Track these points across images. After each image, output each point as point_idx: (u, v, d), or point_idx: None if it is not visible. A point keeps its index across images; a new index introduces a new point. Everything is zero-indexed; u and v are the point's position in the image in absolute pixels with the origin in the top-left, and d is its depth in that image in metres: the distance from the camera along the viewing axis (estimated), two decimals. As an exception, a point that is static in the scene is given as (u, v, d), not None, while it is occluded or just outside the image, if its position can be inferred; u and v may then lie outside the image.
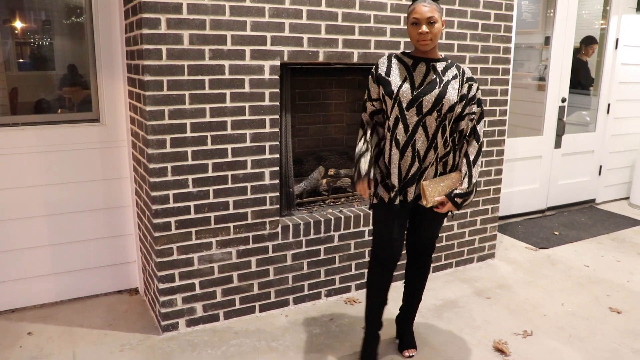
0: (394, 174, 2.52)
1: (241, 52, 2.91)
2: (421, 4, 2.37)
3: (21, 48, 3.38)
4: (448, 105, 2.42)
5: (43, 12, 3.49)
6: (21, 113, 3.27)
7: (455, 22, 3.56)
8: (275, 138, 3.10)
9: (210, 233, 3.04)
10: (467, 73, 2.51)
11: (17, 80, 3.32)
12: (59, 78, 3.44)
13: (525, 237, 4.74)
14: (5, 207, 3.17)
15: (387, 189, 2.56)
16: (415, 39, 2.41)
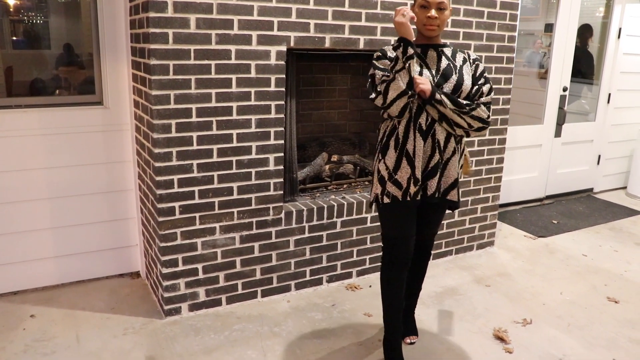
0: (417, 166, 2.38)
1: (248, 37, 2.89)
2: None
3: (15, 26, 3.34)
4: (466, 92, 2.38)
5: None
6: (16, 92, 3.25)
7: (461, 9, 3.55)
8: (281, 124, 3.09)
9: (214, 218, 3.04)
10: (472, 55, 2.50)
11: (12, 59, 3.28)
12: (55, 57, 3.40)
13: (524, 226, 4.77)
14: (7, 190, 3.16)
15: (398, 185, 2.43)
16: (422, 22, 2.35)
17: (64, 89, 3.40)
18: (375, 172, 2.54)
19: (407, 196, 2.43)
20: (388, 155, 2.45)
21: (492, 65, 3.80)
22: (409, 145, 2.39)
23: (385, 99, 2.30)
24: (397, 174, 2.43)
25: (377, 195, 2.52)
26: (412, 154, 2.39)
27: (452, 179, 2.50)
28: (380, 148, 2.51)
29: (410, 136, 2.39)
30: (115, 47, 3.25)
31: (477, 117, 2.38)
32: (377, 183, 2.51)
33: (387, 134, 2.47)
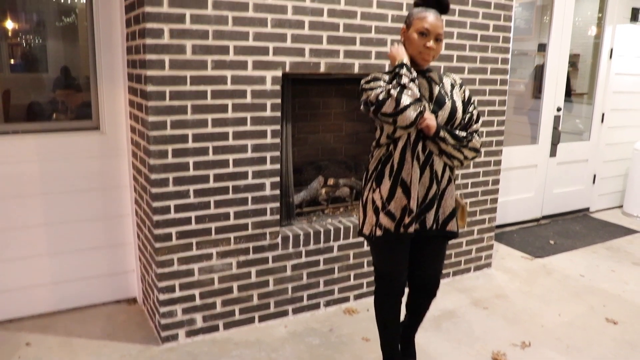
0: (413, 196, 2.31)
1: (243, 62, 2.90)
2: (434, 15, 2.27)
3: (13, 49, 3.35)
4: (459, 118, 2.35)
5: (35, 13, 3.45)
6: (13, 115, 3.24)
7: (454, 32, 3.58)
8: (277, 149, 3.10)
9: (210, 244, 3.03)
10: (457, 79, 2.47)
11: (9, 82, 3.29)
12: (52, 80, 3.41)
13: (521, 246, 4.77)
14: (3, 216, 3.14)
15: (391, 216, 2.35)
16: (418, 49, 2.28)
17: (61, 112, 3.40)
18: (369, 203, 2.42)
19: (401, 228, 2.35)
20: (383, 185, 2.36)
21: (486, 87, 3.82)
22: (405, 174, 2.32)
23: (398, 104, 2.14)
24: (390, 204, 2.35)
25: (371, 228, 2.42)
26: (408, 183, 2.32)
27: (450, 209, 2.44)
28: (374, 176, 2.40)
29: (407, 165, 2.31)
30: (112, 73, 3.25)
31: (473, 147, 2.37)
32: (372, 214, 2.41)
33: (383, 161, 2.37)
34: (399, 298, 2.55)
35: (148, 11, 2.62)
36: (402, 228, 2.35)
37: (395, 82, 2.20)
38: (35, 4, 3.42)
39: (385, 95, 2.17)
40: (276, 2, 2.92)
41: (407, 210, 2.33)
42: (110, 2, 3.17)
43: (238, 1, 2.82)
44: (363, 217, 2.48)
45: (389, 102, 2.16)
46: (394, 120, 2.19)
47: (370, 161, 2.46)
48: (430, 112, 2.29)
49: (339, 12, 3.12)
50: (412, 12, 2.32)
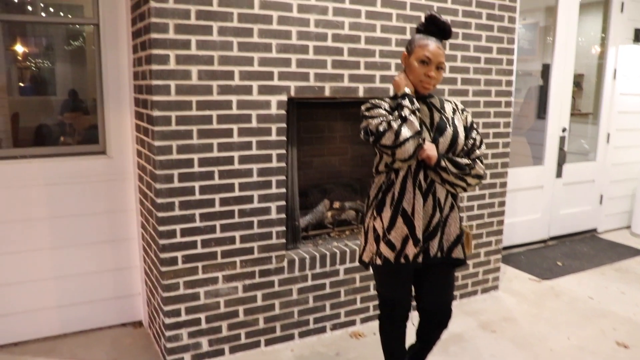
0: (417, 225, 2.27)
1: (249, 87, 2.93)
2: (435, 43, 2.25)
3: (22, 72, 3.40)
4: (461, 144, 2.33)
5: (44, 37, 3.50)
6: (22, 138, 3.27)
7: (458, 55, 3.60)
8: (282, 172, 3.10)
9: (216, 267, 3.03)
10: (459, 104, 2.46)
11: (18, 105, 3.32)
12: (60, 103, 3.44)
13: (529, 268, 4.74)
14: (10, 240, 3.16)
15: (391, 246, 2.31)
16: (419, 77, 2.26)
17: (69, 135, 3.44)
18: (371, 231, 2.39)
19: (401, 258, 2.31)
20: (384, 213, 2.33)
21: (490, 110, 3.83)
22: (406, 203, 2.29)
23: (398, 137, 2.13)
24: (390, 233, 2.31)
25: (372, 256, 2.40)
26: (410, 212, 2.28)
27: (454, 236, 2.39)
28: (375, 204, 2.38)
29: (408, 194, 2.28)
30: (119, 98, 3.29)
31: (476, 175, 2.34)
32: (373, 242, 2.38)
33: (384, 189, 2.35)
34: (403, 323, 2.53)
35: (154, 37, 2.66)
36: (403, 258, 2.31)
37: (397, 114, 2.20)
38: (45, 28, 3.47)
39: (386, 126, 2.17)
40: (281, 28, 2.95)
41: (413, 240, 2.29)
42: (118, 28, 3.21)
43: (243, 27, 2.85)
44: (364, 243, 2.46)
45: (389, 134, 2.16)
46: (392, 152, 2.18)
47: (371, 187, 2.45)
48: (431, 140, 2.28)
49: (343, 36, 3.14)
50: (414, 39, 2.31)
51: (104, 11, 3.17)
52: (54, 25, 3.50)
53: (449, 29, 2.30)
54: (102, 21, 3.18)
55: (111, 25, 3.20)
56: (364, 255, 2.46)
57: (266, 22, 2.91)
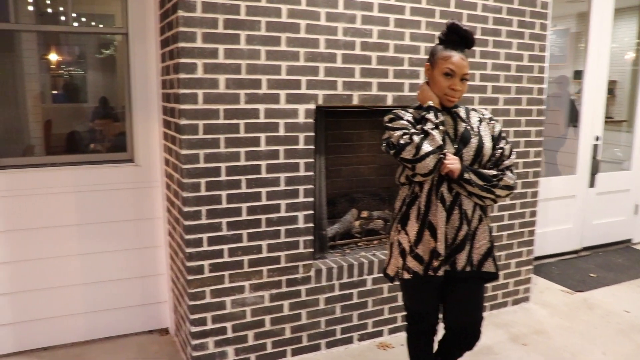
0: (440, 239, 2.21)
1: (276, 96, 2.92)
2: (459, 55, 2.19)
3: (55, 80, 3.46)
4: (487, 155, 2.27)
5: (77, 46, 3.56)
6: (54, 144, 3.33)
7: (489, 64, 3.54)
8: (310, 181, 3.08)
9: (243, 276, 3.01)
10: (486, 113, 2.38)
11: (51, 113, 3.38)
12: (91, 110, 3.50)
13: (561, 279, 4.63)
14: (39, 246, 3.20)
15: (419, 259, 2.26)
16: (443, 91, 2.21)
17: (99, 141, 3.47)
18: (396, 244, 2.35)
19: (429, 271, 2.25)
20: (409, 227, 2.28)
21: (521, 118, 3.76)
22: (432, 216, 2.23)
23: (418, 151, 2.10)
24: (418, 247, 2.26)
25: (397, 270, 2.35)
26: (435, 225, 2.23)
27: (485, 248, 2.30)
28: (399, 218, 2.34)
29: (433, 206, 2.23)
30: (147, 106, 3.31)
31: (505, 186, 2.26)
32: (398, 256, 2.34)
33: (408, 202, 2.31)
34: (429, 337, 2.49)
35: (182, 46, 2.66)
36: (432, 271, 2.25)
37: (420, 127, 2.17)
38: (77, 37, 3.53)
39: (407, 139, 2.14)
40: (309, 36, 2.93)
41: (435, 253, 2.24)
42: (146, 37, 3.24)
43: (271, 35, 2.85)
44: (389, 256, 2.42)
45: (409, 148, 2.13)
46: (413, 166, 2.15)
47: (396, 199, 2.41)
48: (455, 152, 2.23)
49: (372, 45, 3.11)
50: (436, 50, 2.25)
51: (133, 20, 3.20)
52: (85, 35, 3.56)
53: (471, 38, 2.23)
54: (131, 30, 3.21)
55: (140, 34, 3.23)
56: (389, 268, 2.42)
57: (294, 31, 2.90)
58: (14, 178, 3.09)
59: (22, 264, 3.19)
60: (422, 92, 2.28)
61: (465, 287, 2.34)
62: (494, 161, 2.30)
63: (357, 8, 3.05)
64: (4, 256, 3.14)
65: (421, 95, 2.28)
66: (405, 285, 2.41)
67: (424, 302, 2.40)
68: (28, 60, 3.36)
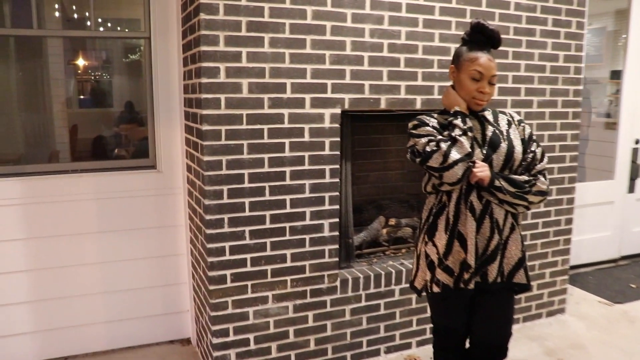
0: (470, 250, 2.15)
1: (301, 100, 2.89)
2: (486, 56, 2.13)
3: (83, 85, 3.52)
4: (518, 159, 2.19)
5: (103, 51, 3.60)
6: (80, 149, 3.37)
7: (522, 65, 3.46)
8: (335, 188, 3.05)
9: (266, 286, 2.98)
10: (515, 116, 2.31)
11: (77, 117, 3.42)
12: (116, 115, 3.54)
13: (598, 290, 4.51)
14: (59, 254, 3.21)
15: (449, 272, 2.21)
16: (471, 94, 2.14)
17: (124, 146, 3.50)
18: (423, 256, 2.29)
19: (460, 283, 2.20)
20: (437, 238, 2.22)
21: (556, 121, 3.67)
22: (462, 227, 2.17)
23: (446, 159, 2.04)
24: (447, 259, 2.20)
25: (426, 283, 2.29)
26: (465, 235, 2.16)
27: (516, 258, 2.24)
28: (426, 229, 2.28)
29: (463, 216, 2.17)
30: (169, 111, 3.31)
31: (538, 191, 2.19)
32: (426, 269, 2.28)
33: (435, 213, 2.25)
34: (457, 352, 2.41)
35: (204, 50, 2.65)
36: (462, 283, 2.20)
37: (447, 133, 2.10)
38: (103, 42, 3.57)
39: (434, 147, 2.08)
40: (334, 38, 2.90)
41: (465, 265, 2.18)
42: (169, 41, 3.24)
43: (295, 38, 2.82)
44: (415, 268, 2.36)
45: (437, 155, 2.07)
46: (440, 175, 2.10)
47: (423, 208, 2.34)
48: (484, 157, 2.16)
49: (400, 46, 3.07)
50: (461, 52, 2.19)
51: (155, 24, 3.21)
52: (109, 39, 3.60)
53: (498, 38, 2.16)
54: (154, 34, 3.21)
55: (162, 38, 3.23)
56: (416, 281, 2.36)
57: (319, 33, 2.87)
58: (35, 185, 3.11)
59: (43, 272, 3.21)
60: (448, 96, 2.22)
61: (495, 300, 2.27)
62: (525, 166, 2.23)
63: (384, 9, 3.00)
64: (25, 264, 3.16)
65: (447, 100, 2.22)
66: (434, 298, 2.35)
67: (453, 316, 2.33)
68: (54, 66, 3.40)
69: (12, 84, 3.42)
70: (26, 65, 3.39)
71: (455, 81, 2.21)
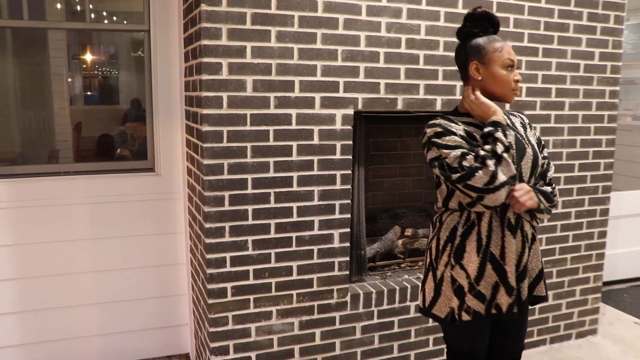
0: (510, 270, 2.05)
1: (310, 99, 2.79)
2: (505, 42, 2.08)
3: (90, 82, 3.59)
4: (541, 164, 2.13)
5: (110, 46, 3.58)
6: (84, 147, 3.37)
7: (553, 63, 3.33)
8: (347, 196, 2.95)
9: (270, 301, 2.90)
10: (524, 117, 2.23)
11: (81, 115, 3.44)
12: (122, 113, 3.55)
13: (634, 309, 4.36)
14: (50, 262, 3.16)
15: (481, 298, 2.08)
16: (509, 87, 2.04)
17: (128, 146, 3.46)
18: (447, 282, 2.12)
19: (492, 309, 2.09)
20: (467, 261, 2.08)
21: (590, 125, 3.52)
22: (494, 247, 2.05)
23: (494, 180, 1.88)
24: (479, 284, 2.07)
25: (452, 311, 2.13)
26: (499, 256, 2.05)
27: (537, 270, 2.19)
28: (452, 250, 2.11)
29: (495, 235, 2.05)
30: (169, 110, 3.25)
31: (556, 202, 2.16)
32: (452, 295, 2.11)
33: (461, 232, 2.09)
34: None
35: (205, 44, 2.56)
36: (494, 309, 2.09)
37: (490, 149, 1.92)
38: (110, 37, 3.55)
39: (479, 163, 1.91)
40: (347, 32, 2.80)
41: (506, 288, 2.07)
42: (169, 35, 3.18)
43: (305, 32, 2.72)
44: (434, 294, 2.18)
45: (481, 174, 1.89)
46: (479, 196, 1.93)
47: (437, 226, 2.18)
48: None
49: (419, 42, 2.95)
50: (480, 44, 2.07)
51: (155, 16, 3.15)
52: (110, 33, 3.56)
53: (499, 22, 2.13)
54: (153, 27, 3.16)
55: (163, 32, 3.17)
56: (436, 308, 2.18)
57: (331, 27, 2.77)
58: (25, 188, 3.06)
59: (32, 281, 3.16)
60: (480, 103, 2.04)
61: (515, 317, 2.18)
62: (542, 172, 2.16)
63: (402, 1, 2.90)
64: (12, 272, 3.11)
65: (479, 108, 2.04)
66: (461, 327, 2.18)
67: (479, 340, 2.23)
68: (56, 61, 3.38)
69: (10, 79, 3.39)
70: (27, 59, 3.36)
71: (485, 78, 2.06)
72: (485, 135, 1.96)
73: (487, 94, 2.06)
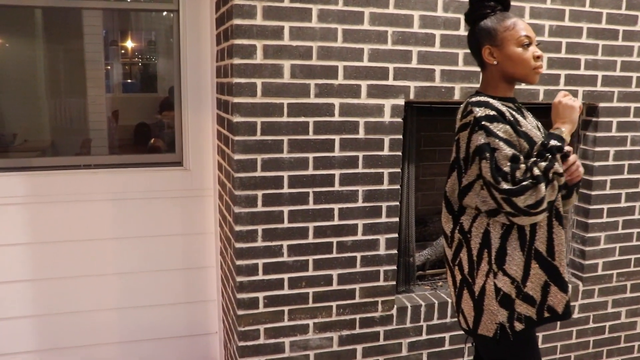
0: (561, 264, 1.98)
1: (355, 87, 2.64)
2: (518, 17, 2.00)
3: (130, 69, 3.61)
4: None
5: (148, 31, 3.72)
6: (121, 137, 3.39)
7: (635, 48, 3.08)
8: (395, 197, 2.80)
9: (307, 313, 2.77)
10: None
11: (119, 103, 3.45)
12: (159, 101, 3.52)
13: None
14: (69, 262, 3.14)
15: (530, 301, 1.97)
16: (531, 65, 1.95)
17: (165, 136, 3.44)
18: (491, 294, 1.96)
19: (544, 312, 2.00)
20: (509, 264, 1.95)
21: None
22: (539, 243, 1.95)
23: (539, 205, 1.81)
24: (526, 285, 1.96)
25: (500, 326, 1.98)
26: (546, 252, 1.96)
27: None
28: (493, 257, 1.96)
29: (541, 229, 1.96)
30: (199, 99, 3.16)
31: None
32: (498, 307, 1.96)
33: (501, 236, 1.95)
34: None
35: (237, 24, 2.42)
36: (547, 311, 2.00)
37: (545, 168, 1.83)
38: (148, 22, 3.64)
39: (532, 182, 1.81)
40: (399, 12, 2.63)
41: (552, 286, 1.99)
42: (200, 15, 3.10)
43: (350, 10, 2.56)
44: (476, 313, 2.02)
45: (529, 194, 1.80)
46: (514, 213, 1.84)
47: (459, 238, 2.05)
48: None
49: (482, 24, 2.73)
50: (490, 25, 1.99)
51: (185, -6, 3.05)
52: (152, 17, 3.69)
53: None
54: (182, 6, 3.06)
55: (193, 11, 3.08)
56: (481, 327, 2.02)
57: (380, 5, 2.60)
58: (42, 182, 3.02)
59: (49, 282, 3.12)
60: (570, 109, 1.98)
61: None
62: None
63: (462, -24, 2.69)
64: (29, 273, 3.08)
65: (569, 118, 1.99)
66: (518, 340, 2.01)
67: (538, 355, 2.10)
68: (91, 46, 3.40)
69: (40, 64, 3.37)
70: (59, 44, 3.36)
71: (502, 61, 1.99)
72: (547, 149, 1.87)
73: (507, 77, 2.01)
